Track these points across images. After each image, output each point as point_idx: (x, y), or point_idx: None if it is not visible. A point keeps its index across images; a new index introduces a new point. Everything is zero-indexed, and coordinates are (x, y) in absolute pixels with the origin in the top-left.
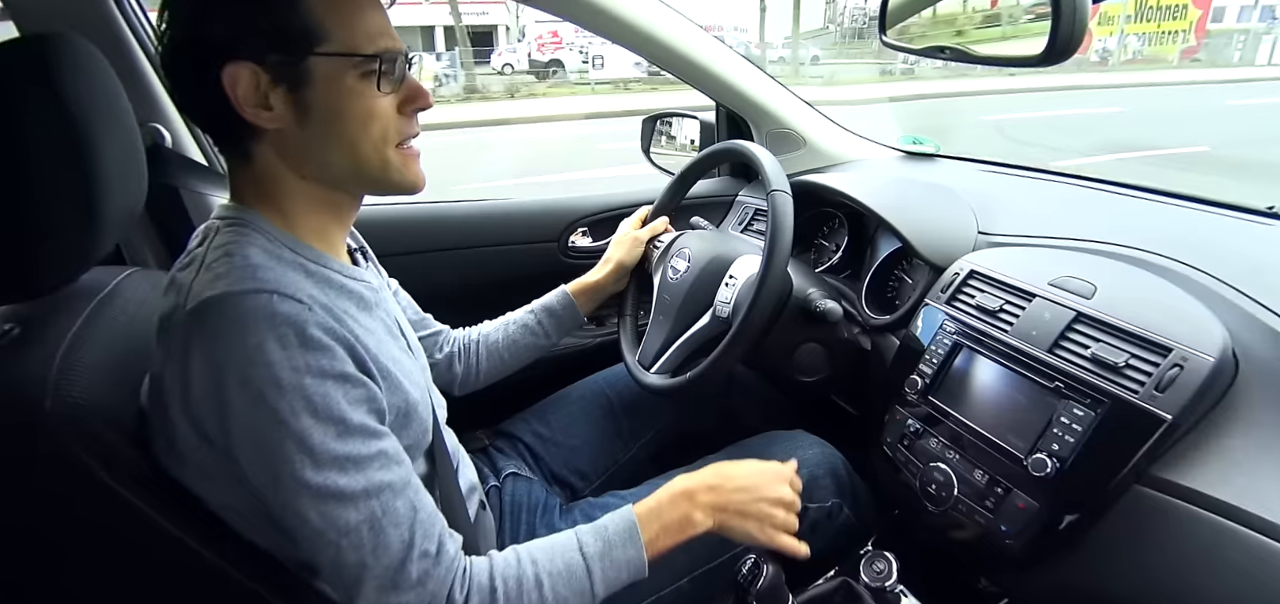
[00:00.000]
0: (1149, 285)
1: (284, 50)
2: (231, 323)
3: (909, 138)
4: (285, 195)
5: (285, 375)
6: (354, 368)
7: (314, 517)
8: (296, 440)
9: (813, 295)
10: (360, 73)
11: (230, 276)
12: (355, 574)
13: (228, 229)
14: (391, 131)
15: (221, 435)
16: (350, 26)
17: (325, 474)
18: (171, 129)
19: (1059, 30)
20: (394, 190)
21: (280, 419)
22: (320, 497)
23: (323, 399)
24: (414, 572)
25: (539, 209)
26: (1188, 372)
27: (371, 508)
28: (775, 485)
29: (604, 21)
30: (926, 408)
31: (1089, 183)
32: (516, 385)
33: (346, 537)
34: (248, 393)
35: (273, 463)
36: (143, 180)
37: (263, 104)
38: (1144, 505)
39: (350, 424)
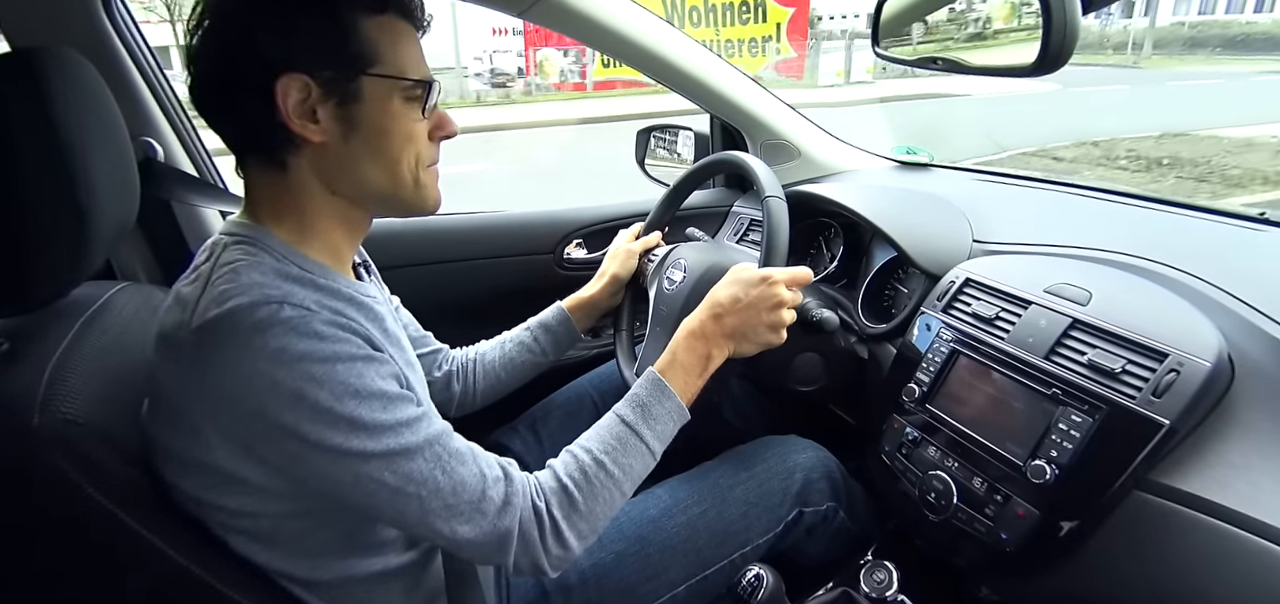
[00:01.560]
0: (1144, 291)
1: (339, 66)
2: (247, 334)
3: (903, 148)
4: (309, 210)
5: (316, 367)
6: (373, 349)
7: (388, 478)
8: (348, 423)
9: (809, 305)
10: (405, 96)
11: (237, 293)
12: (445, 517)
13: (236, 246)
14: (425, 155)
15: (263, 444)
16: (399, 53)
17: (384, 441)
18: (163, 142)
19: (1051, 39)
20: (419, 211)
21: (324, 407)
22: (388, 459)
23: (358, 378)
24: (496, 495)
25: (534, 221)
26: (1184, 377)
27: (437, 451)
28: (771, 293)
29: (600, 35)
30: (924, 416)
31: (1083, 190)
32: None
33: (424, 486)
34: (283, 395)
35: (329, 451)
36: (134, 194)
37: (310, 116)
38: (1143, 511)
39: (390, 394)
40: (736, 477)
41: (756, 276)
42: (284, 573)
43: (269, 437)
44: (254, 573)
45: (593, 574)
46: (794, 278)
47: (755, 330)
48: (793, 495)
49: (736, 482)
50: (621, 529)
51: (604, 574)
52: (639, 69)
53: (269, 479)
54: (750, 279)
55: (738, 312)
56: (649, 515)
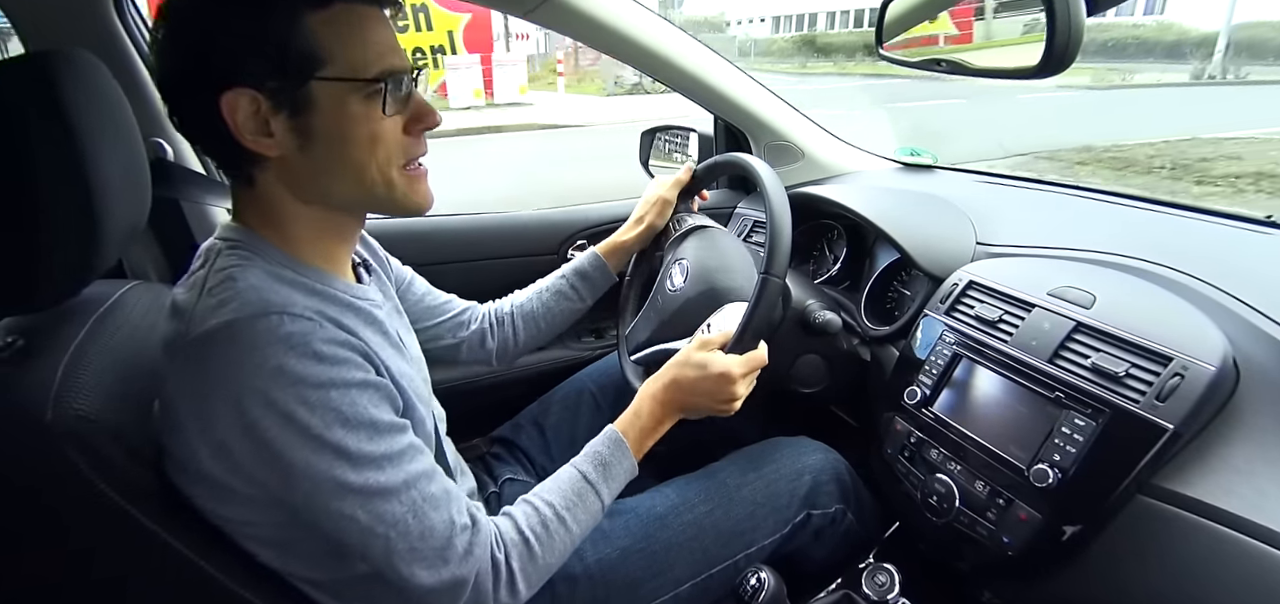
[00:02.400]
0: (1148, 295)
1: (283, 75)
2: (245, 349)
3: (907, 149)
4: (288, 220)
5: (310, 392)
6: (371, 371)
7: (361, 516)
8: (333, 450)
9: (812, 307)
10: (364, 95)
11: (235, 302)
12: (408, 560)
13: (229, 252)
14: (397, 153)
15: (250, 459)
16: (352, 47)
17: (365, 475)
18: (173, 143)
19: (1055, 41)
20: (400, 213)
21: (313, 434)
22: (364, 496)
23: (350, 406)
24: (459, 545)
25: (538, 222)
26: (1189, 381)
27: (412, 497)
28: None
29: (605, 36)
30: (927, 419)
31: (1087, 193)
32: (511, 393)
33: (394, 528)
34: (274, 414)
35: (311, 475)
36: (146, 195)
37: (263, 131)
38: (1147, 516)
39: (379, 424)
40: (744, 477)
41: (717, 371)
42: (290, 571)
43: (256, 452)
44: (262, 571)
45: (598, 569)
46: (751, 367)
47: (706, 409)
48: (800, 497)
49: (744, 482)
50: (628, 526)
51: (609, 569)
52: (644, 70)
53: (255, 491)
54: (712, 371)
55: (696, 394)
56: (656, 512)
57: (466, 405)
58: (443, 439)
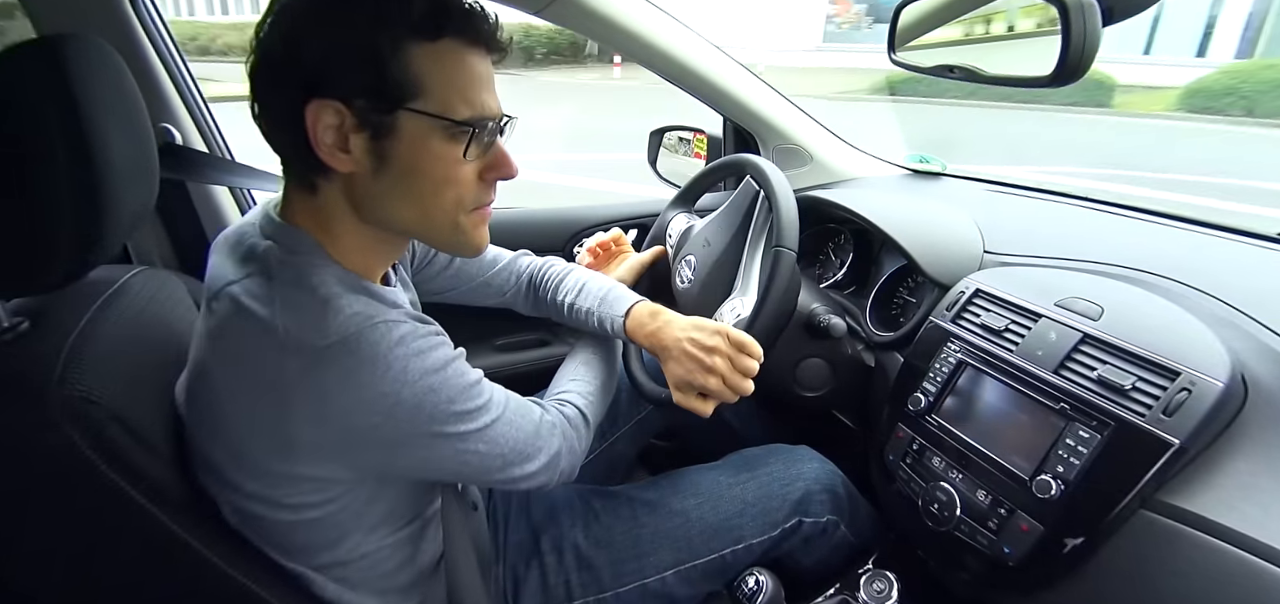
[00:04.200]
0: (1157, 308)
1: (375, 97)
2: (366, 360)
3: (915, 156)
4: (340, 231)
5: (434, 378)
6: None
7: (481, 447)
8: (458, 416)
9: (817, 310)
10: (449, 136)
11: (334, 319)
12: (520, 462)
13: (288, 257)
14: (468, 198)
15: (378, 447)
16: (449, 86)
17: (480, 420)
18: (182, 130)
19: (1069, 51)
20: (455, 253)
21: (442, 412)
22: (482, 434)
23: (459, 377)
24: (544, 431)
25: (543, 219)
26: (1196, 396)
27: (509, 414)
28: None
29: (615, 35)
30: (929, 426)
31: (1096, 204)
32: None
33: (503, 445)
34: (403, 409)
35: (442, 438)
36: (154, 180)
37: (341, 145)
38: (1150, 531)
39: (475, 380)
40: (738, 477)
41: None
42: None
43: (377, 446)
44: (261, 557)
45: (585, 545)
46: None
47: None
48: (792, 503)
49: (737, 481)
50: (618, 509)
51: (596, 546)
52: (654, 69)
53: (357, 475)
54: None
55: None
56: (646, 499)
57: None
58: None
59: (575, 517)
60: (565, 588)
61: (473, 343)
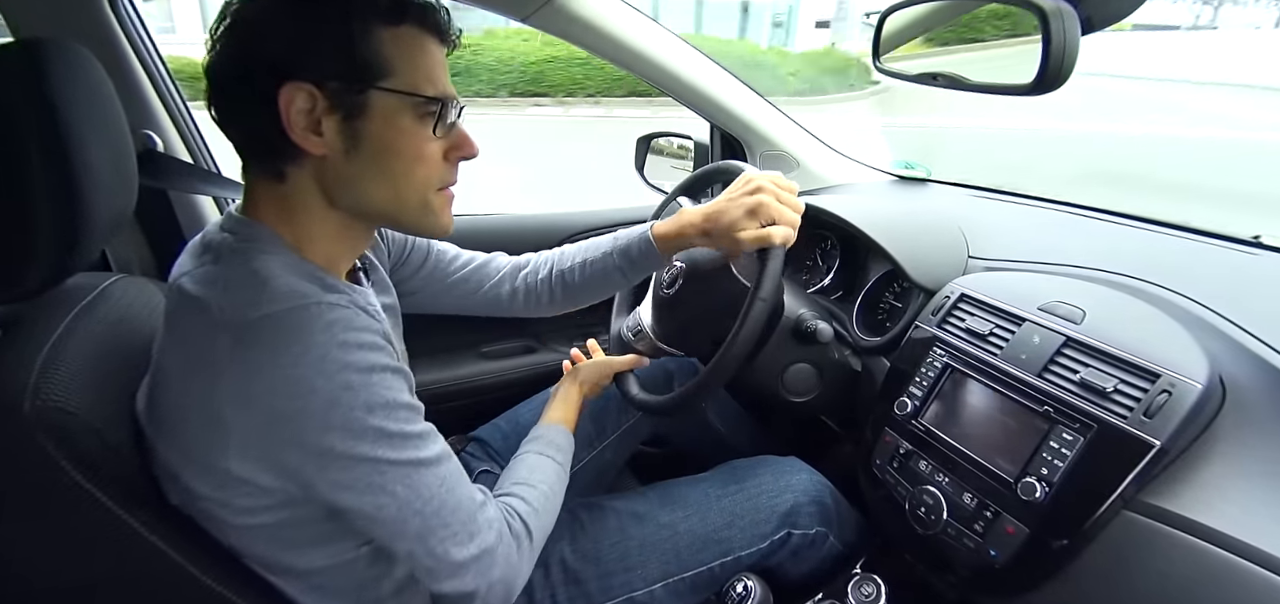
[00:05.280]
0: (1138, 311)
1: (347, 78)
2: (289, 340)
3: (901, 162)
4: (307, 220)
5: (355, 376)
6: (395, 356)
7: (400, 490)
8: (375, 432)
9: (804, 316)
10: (418, 114)
11: (272, 297)
12: (441, 536)
13: (241, 245)
14: (435, 176)
15: (291, 447)
16: (414, 68)
17: (405, 452)
18: (163, 135)
19: (1049, 61)
20: (425, 233)
21: (356, 418)
22: (404, 471)
23: (388, 389)
24: (482, 518)
25: (533, 224)
26: (1176, 398)
27: (443, 471)
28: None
29: (603, 42)
30: (916, 430)
31: (1079, 209)
32: (497, 395)
33: (430, 502)
34: (317, 401)
35: (355, 457)
36: (132, 187)
37: (314, 128)
38: (1132, 532)
39: (412, 405)
40: (726, 488)
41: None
42: (266, 562)
43: (293, 442)
44: (236, 565)
45: (573, 558)
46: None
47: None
48: (780, 515)
49: (725, 493)
50: (606, 521)
51: (583, 560)
52: (642, 76)
53: (282, 483)
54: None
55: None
56: (634, 510)
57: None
58: None
59: (562, 529)
60: (552, 602)
61: (459, 351)
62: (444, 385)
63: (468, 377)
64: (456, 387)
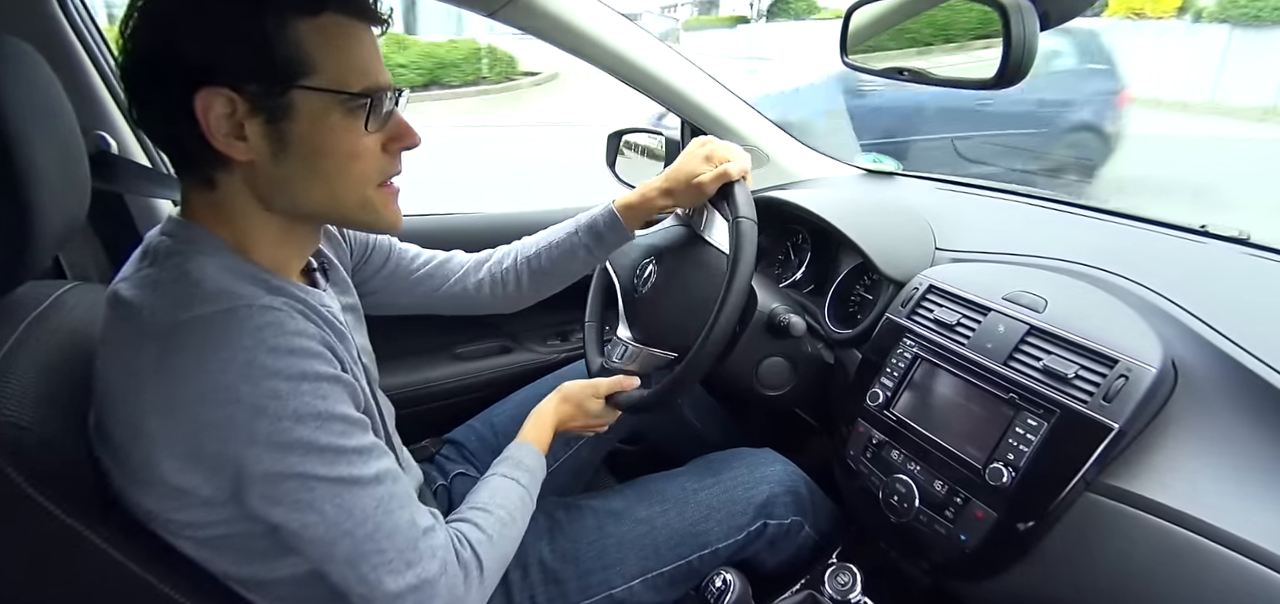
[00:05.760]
0: (1096, 299)
1: (266, 80)
2: (214, 344)
3: (870, 156)
4: (246, 225)
5: (283, 384)
6: (339, 368)
7: (329, 509)
8: (304, 445)
9: (777, 310)
10: (347, 110)
11: (199, 300)
12: (373, 563)
13: (179, 249)
14: (373, 171)
15: (215, 457)
16: (340, 60)
17: (336, 468)
18: (117, 136)
19: (1010, 56)
20: (370, 230)
21: (283, 428)
22: (335, 488)
23: (321, 400)
24: (424, 547)
25: (507, 222)
26: (1132, 382)
27: (380, 493)
28: (596, 422)
29: (571, 38)
30: (888, 420)
31: (1040, 201)
32: (472, 396)
33: (362, 525)
34: (243, 409)
35: (282, 471)
36: (84, 190)
37: (236, 133)
38: (1094, 511)
39: (350, 419)
40: (702, 482)
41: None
42: (231, 575)
43: (221, 451)
44: (201, 577)
45: (551, 558)
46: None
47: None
48: (756, 506)
49: (701, 487)
50: (583, 519)
51: (561, 559)
52: (611, 72)
53: (215, 492)
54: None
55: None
56: (611, 509)
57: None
58: (391, 433)
59: (539, 530)
60: (531, 603)
61: (432, 352)
62: (418, 388)
63: (442, 378)
64: (431, 389)
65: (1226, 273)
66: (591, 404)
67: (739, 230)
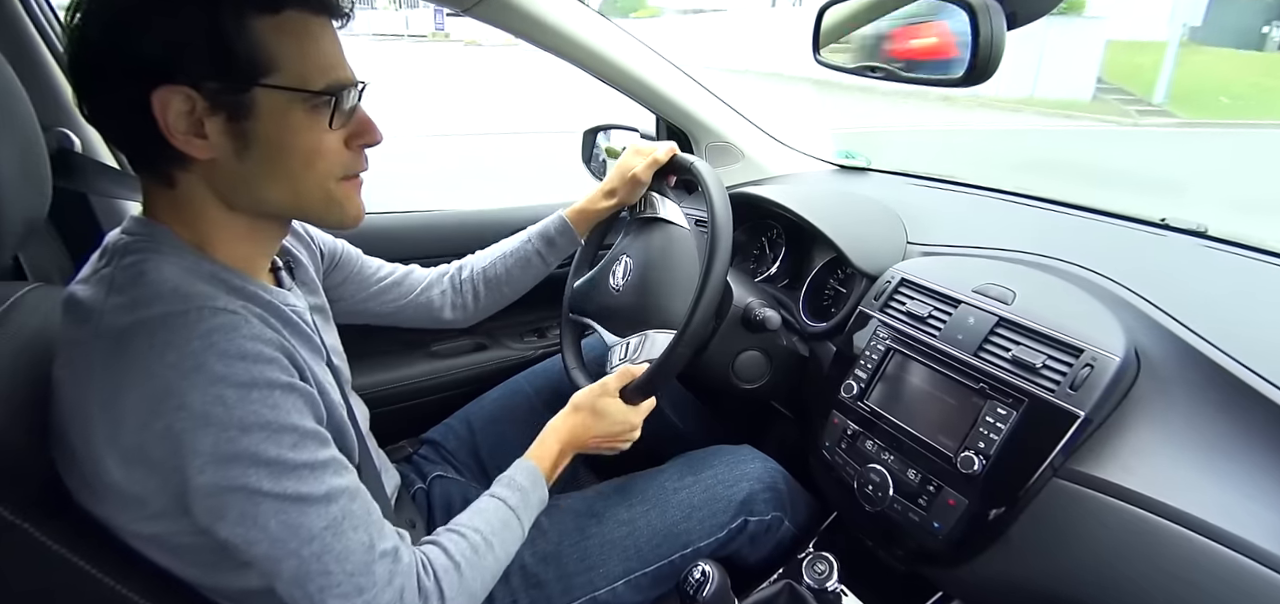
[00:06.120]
0: (1062, 291)
1: (225, 77)
2: (162, 347)
3: (842, 152)
4: (207, 223)
5: (230, 392)
6: (296, 377)
7: (274, 526)
8: (250, 457)
9: (753, 304)
10: (309, 107)
11: (152, 299)
12: (320, 584)
13: (138, 248)
14: (337, 168)
15: (162, 465)
16: (301, 57)
17: (283, 483)
18: (81, 134)
19: (978, 53)
20: (334, 227)
21: (229, 437)
22: (281, 504)
23: (272, 410)
24: (380, 573)
25: (478, 220)
26: (1098, 371)
27: (332, 512)
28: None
29: (546, 35)
30: (862, 411)
31: (1007, 196)
32: (449, 394)
33: (309, 545)
34: (189, 416)
35: (225, 483)
36: (44, 189)
37: (196, 131)
38: (1063, 498)
39: (302, 431)
40: (682, 480)
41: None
42: (203, 584)
43: (165, 459)
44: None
45: (532, 563)
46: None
47: (600, 448)
48: (737, 503)
49: (682, 485)
50: (563, 522)
51: (543, 563)
52: (586, 70)
53: (166, 502)
54: (607, 419)
55: (591, 435)
56: (593, 510)
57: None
58: (366, 436)
59: None
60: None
61: (408, 350)
62: (394, 386)
63: (418, 376)
64: (407, 387)
65: (1185, 264)
66: (605, 404)
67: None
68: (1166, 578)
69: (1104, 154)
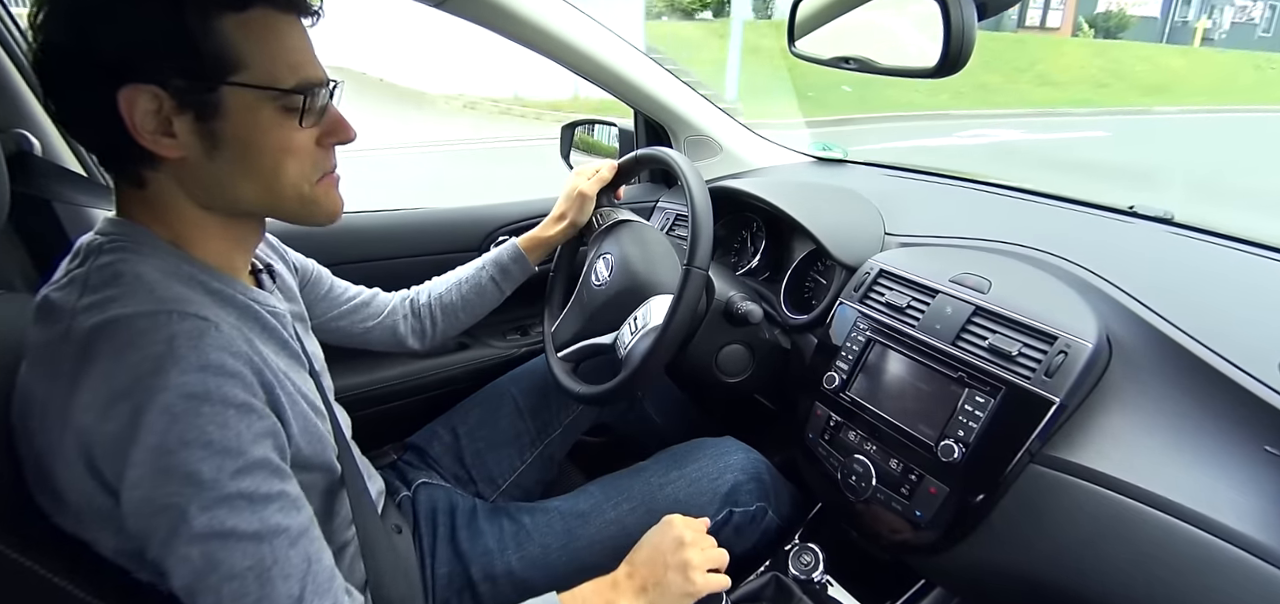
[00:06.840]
0: (1036, 279)
1: (193, 76)
2: (126, 347)
3: (820, 144)
4: (182, 222)
5: (177, 401)
6: (261, 398)
7: (196, 557)
8: (184, 475)
9: (734, 298)
10: (279, 106)
11: (123, 298)
12: None
13: (113, 248)
14: (309, 167)
15: (110, 471)
16: (270, 55)
17: (213, 511)
18: (41, 135)
19: (950, 44)
20: (308, 223)
21: (168, 449)
22: (204, 536)
23: (220, 429)
24: None
25: (458, 218)
26: (1071, 357)
27: (261, 553)
28: (677, 549)
29: (524, 30)
30: (844, 402)
31: (983, 186)
32: (432, 395)
33: (230, 583)
34: (136, 421)
35: (157, 497)
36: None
37: (164, 131)
38: (1039, 482)
39: (250, 458)
40: (667, 476)
41: (677, 531)
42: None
43: (110, 464)
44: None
45: (520, 566)
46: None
47: (670, 579)
48: (722, 496)
49: (667, 481)
50: (551, 524)
51: (531, 566)
52: (564, 64)
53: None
54: (671, 535)
55: (654, 565)
56: (579, 510)
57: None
58: (348, 443)
59: (505, 540)
60: None
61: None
62: (375, 388)
63: (400, 377)
64: (388, 388)
65: (1153, 250)
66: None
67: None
68: (1141, 559)
69: None
